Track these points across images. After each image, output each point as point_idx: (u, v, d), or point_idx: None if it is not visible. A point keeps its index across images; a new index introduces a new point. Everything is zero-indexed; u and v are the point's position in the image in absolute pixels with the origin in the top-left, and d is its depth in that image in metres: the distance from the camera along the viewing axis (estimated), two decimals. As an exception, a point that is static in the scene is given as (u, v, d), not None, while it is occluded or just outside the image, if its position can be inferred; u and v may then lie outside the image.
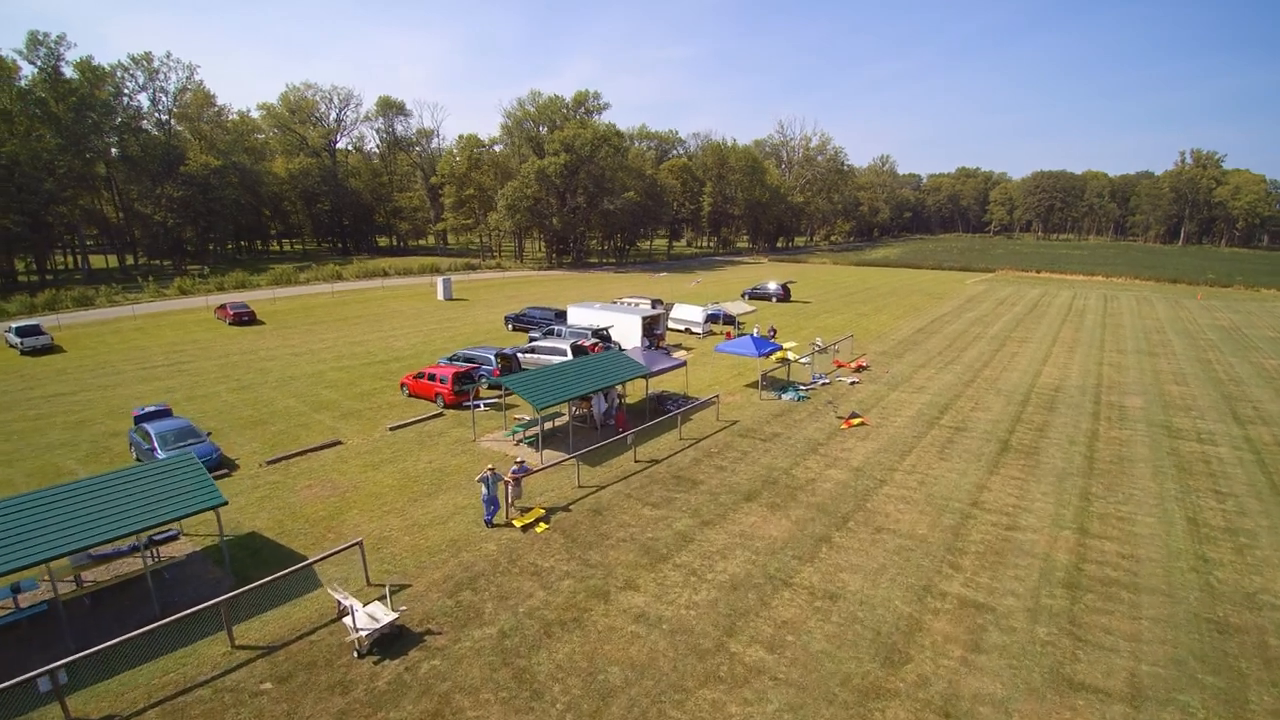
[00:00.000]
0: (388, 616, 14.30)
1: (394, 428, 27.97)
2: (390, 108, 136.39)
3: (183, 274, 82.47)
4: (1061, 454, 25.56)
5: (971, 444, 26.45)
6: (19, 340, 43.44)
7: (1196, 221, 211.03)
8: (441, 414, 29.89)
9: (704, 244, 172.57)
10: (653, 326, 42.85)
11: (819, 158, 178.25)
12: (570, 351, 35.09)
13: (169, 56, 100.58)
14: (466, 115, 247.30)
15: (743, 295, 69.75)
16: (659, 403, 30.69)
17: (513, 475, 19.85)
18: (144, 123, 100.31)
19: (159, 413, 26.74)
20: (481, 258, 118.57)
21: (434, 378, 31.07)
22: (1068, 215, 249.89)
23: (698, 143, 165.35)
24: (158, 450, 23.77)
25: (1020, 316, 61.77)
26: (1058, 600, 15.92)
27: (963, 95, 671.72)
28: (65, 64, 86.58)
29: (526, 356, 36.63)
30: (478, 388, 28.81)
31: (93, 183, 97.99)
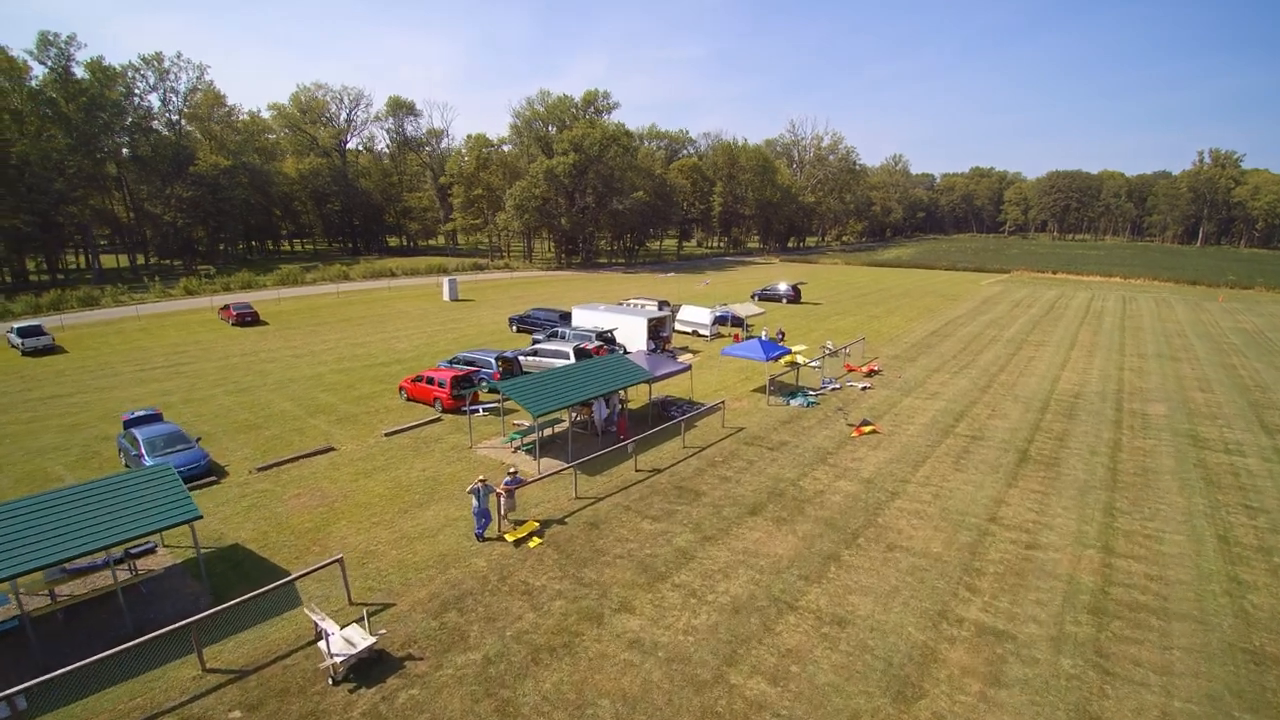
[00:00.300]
0: (365, 641, 13.46)
1: (389, 433, 27.19)
2: (400, 108, 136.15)
3: (192, 274, 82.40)
4: (1083, 465, 24.39)
5: (988, 454, 25.33)
6: (20, 341, 43.11)
7: (1215, 222, 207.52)
8: (439, 419, 29.09)
9: (714, 244, 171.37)
10: (659, 329, 41.92)
11: (830, 157, 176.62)
12: (573, 355, 34.22)
13: (179, 57, 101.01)
14: (476, 115, 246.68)
15: (752, 296, 68.63)
16: (662, 408, 29.74)
17: (505, 487, 18.98)
18: (155, 123, 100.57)
19: (148, 417, 26.10)
20: (490, 258, 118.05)
21: (432, 381, 30.29)
22: (1084, 215, 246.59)
23: (708, 142, 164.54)
24: (145, 457, 23.13)
25: (1037, 319, 60.31)
26: (1083, 628, 14.85)
27: (963, 95, 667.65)
28: (76, 64, 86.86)
29: (529, 359, 35.78)
30: (475, 392, 27.94)
31: (103, 183, 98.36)
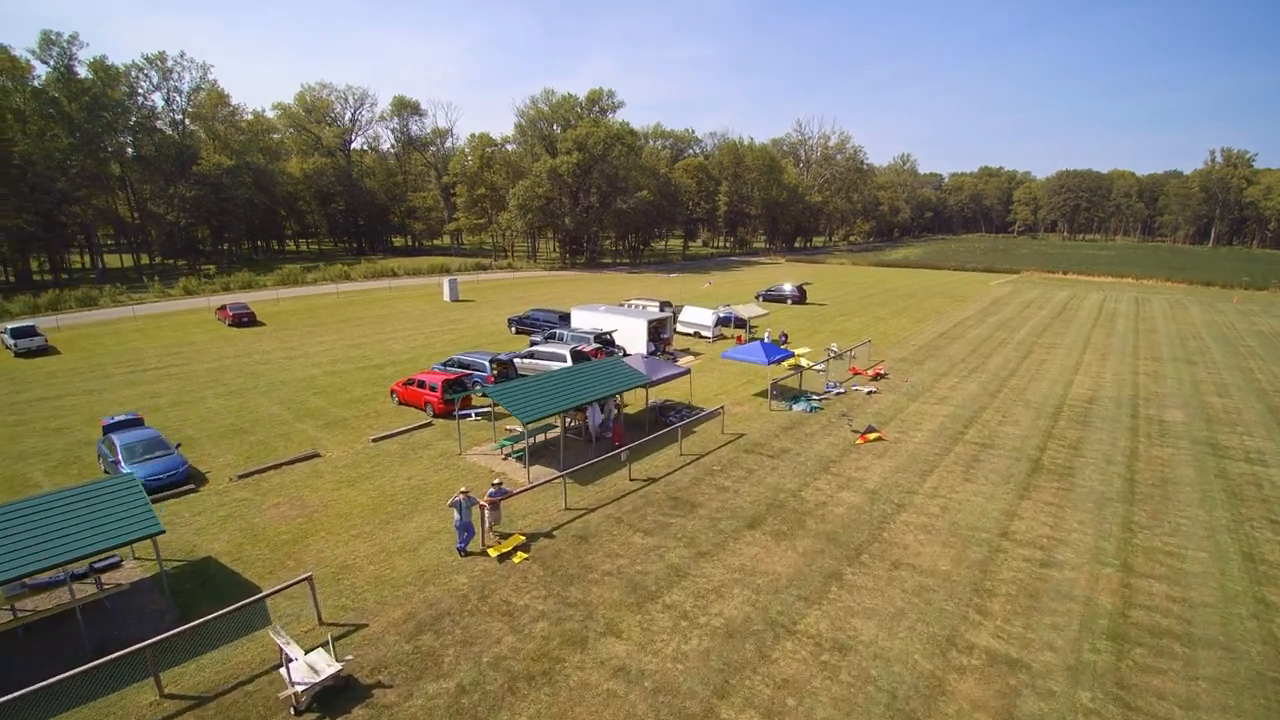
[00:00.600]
0: (330, 668, 12.56)
1: (377, 439, 26.32)
2: (405, 107, 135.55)
3: (195, 274, 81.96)
4: (1099, 475, 23.28)
5: (999, 463, 24.24)
6: (13, 342, 42.56)
7: (1227, 222, 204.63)
8: (430, 424, 28.22)
9: (720, 244, 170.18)
10: (659, 330, 40.95)
11: (838, 156, 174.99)
12: (570, 357, 33.30)
13: (183, 56, 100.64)
14: (483, 116, 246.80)
15: (756, 297, 67.55)
16: (660, 414, 28.76)
17: (489, 499, 18.04)
18: (159, 122, 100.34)
19: (128, 422, 25.39)
20: (494, 258, 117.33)
21: (423, 385, 29.42)
22: (1094, 215, 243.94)
23: (714, 142, 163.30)
24: (122, 463, 22.38)
25: (1048, 321, 58.98)
26: (1102, 656, 13.81)
27: (968, 95, 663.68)
28: (79, 64, 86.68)
29: (525, 362, 34.88)
30: (464, 397, 27.00)
31: (107, 183, 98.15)
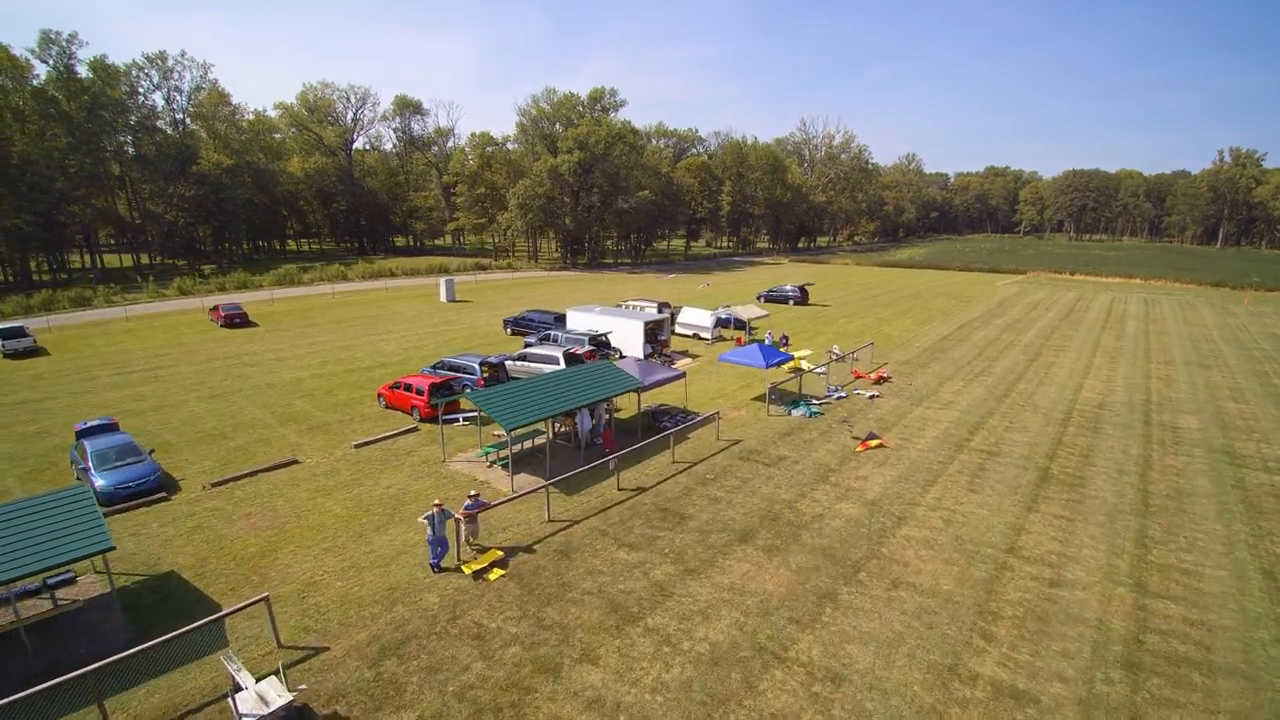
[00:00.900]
0: (280, 699, 11.63)
1: (359, 445, 25.41)
2: (407, 107, 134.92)
3: (194, 273, 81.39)
4: (1111, 486, 22.20)
5: (1006, 472, 23.18)
6: (1, 343, 41.89)
7: (1235, 222, 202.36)
8: (416, 429, 27.31)
9: (723, 244, 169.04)
10: (656, 332, 39.96)
11: (842, 156, 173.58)
12: (563, 360, 32.37)
13: (183, 55, 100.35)
14: (487, 116, 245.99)
15: (758, 298, 66.52)
16: (654, 419, 27.78)
17: (465, 511, 17.08)
18: (159, 122, 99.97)
19: (102, 427, 24.56)
20: (494, 258, 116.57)
21: (410, 388, 28.52)
22: (1101, 215, 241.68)
23: (718, 141, 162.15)
24: (92, 470, 21.56)
25: (1055, 322, 57.75)
26: (1116, 687, 12.79)
27: (971, 95, 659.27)
28: (79, 63, 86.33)
29: (517, 364, 33.97)
30: (448, 402, 26.02)
31: (106, 182, 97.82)
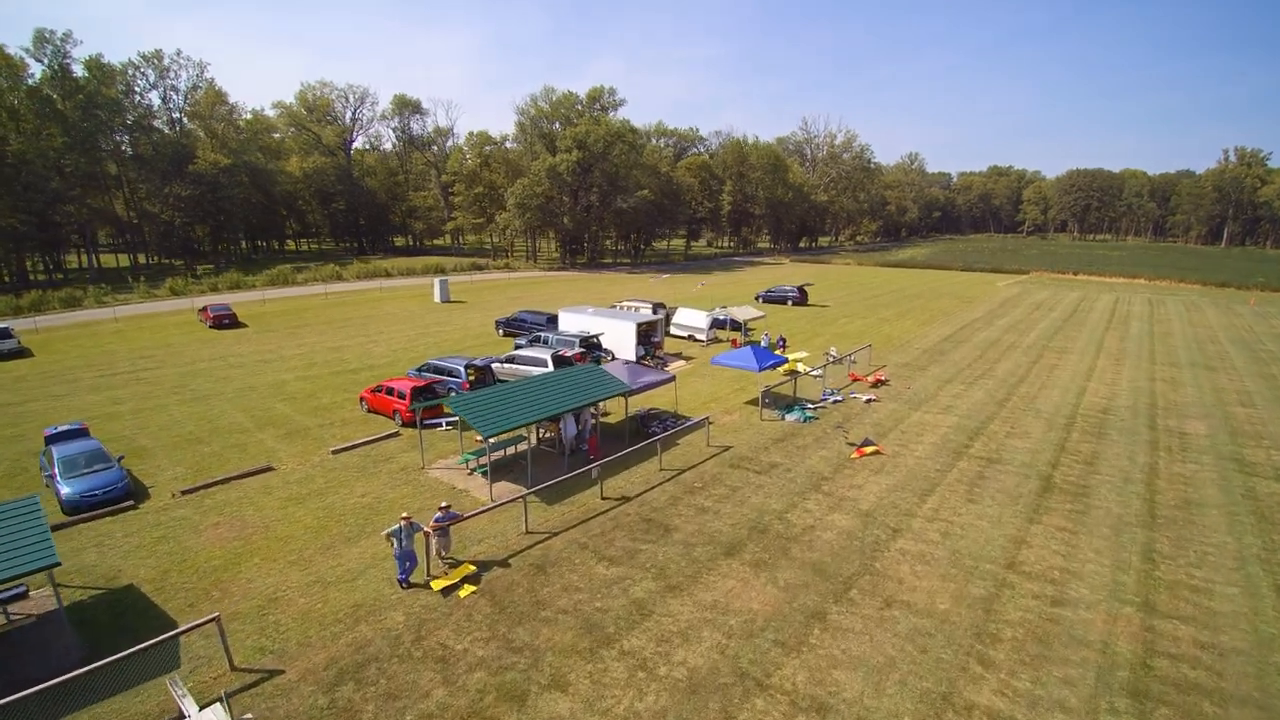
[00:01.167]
0: (222, 732, 10.82)
1: (336, 451, 24.59)
2: (405, 106, 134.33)
3: (185, 274, 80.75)
4: (1116, 496, 21.28)
5: (1007, 481, 22.28)
6: (-15, 344, 41.19)
7: (1240, 222, 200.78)
8: (397, 434, 26.48)
9: (724, 244, 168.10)
10: (650, 334, 39.11)
11: (844, 155, 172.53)
12: (551, 362, 31.54)
13: (179, 54, 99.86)
14: (489, 116, 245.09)
15: (756, 298, 65.59)
16: (643, 424, 26.91)
17: (435, 524, 16.23)
18: (156, 121, 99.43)
19: (72, 432, 23.80)
20: (493, 257, 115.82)
21: (392, 392, 27.71)
22: (1105, 215, 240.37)
23: (719, 140, 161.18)
24: (58, 477, 20.79)
25: (1058, 323, 56.77)
26: (1121, 718, 11.90)
27: (970, 95, 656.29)
28: (75, 63, 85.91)
29: (505, 367, 33.15)
30: (426, 406, 25.11)
31: (103, 182, 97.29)
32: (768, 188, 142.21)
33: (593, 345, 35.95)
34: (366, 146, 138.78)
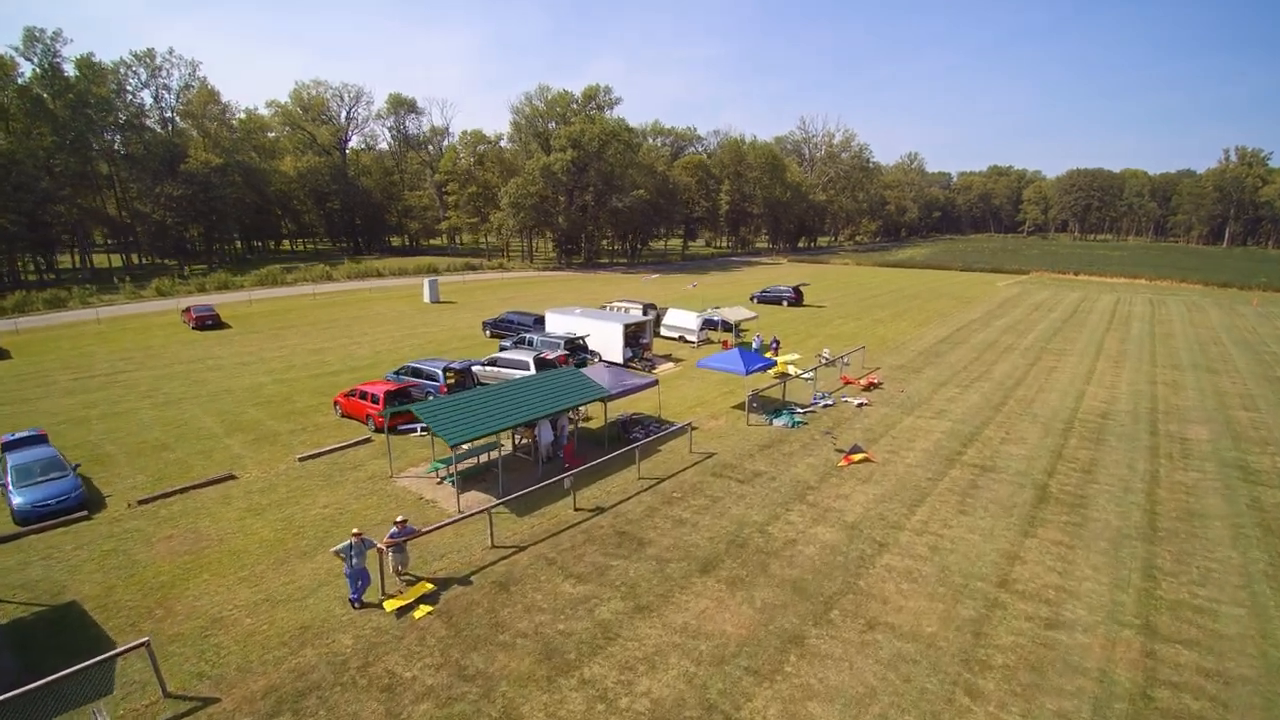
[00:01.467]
0: (133, 775, 9.89)
1: (303, 458, 23.65)
2: (401, 105, 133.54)
3: (172, 274, 79.77)
4: (1115, 506, 20.32)
5: (1001, 490, 21.32)
6: (-40, 346, 40.36)
7: (1241, 222, 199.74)
8: (369, 440, 25.55)
9: (722, 244, 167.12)
10: (638, 335, 38.14)
11: (843, 155, 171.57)
12: (533, 365, 30.61)
13: (171, 53, 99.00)
14: (488, 115, 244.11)
15: (751, 298, 64.64)
16: (624, 429, 25.95)
17: (389, 540, 15.29)
18: (148, 120, 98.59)
19: (30, 439, 22.89)
20: (488, 257, 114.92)
21: (365, 396, 26.76)
22: (1105, 215, 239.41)
23: (717, 140, 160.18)
24: (10, 486, 19.91)
25: (1058, 324, 55.79)
26: (1123, 755, 10.98)
27: (970, 95, 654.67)
28: (66, 61, 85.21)
29: (487, 370, 32.22)
30: (395, 412, 24.17)
31: (94, 181, 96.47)
32: (765, 187, 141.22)
33: (578, 347, 35.01)
34: (362, 146, 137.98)
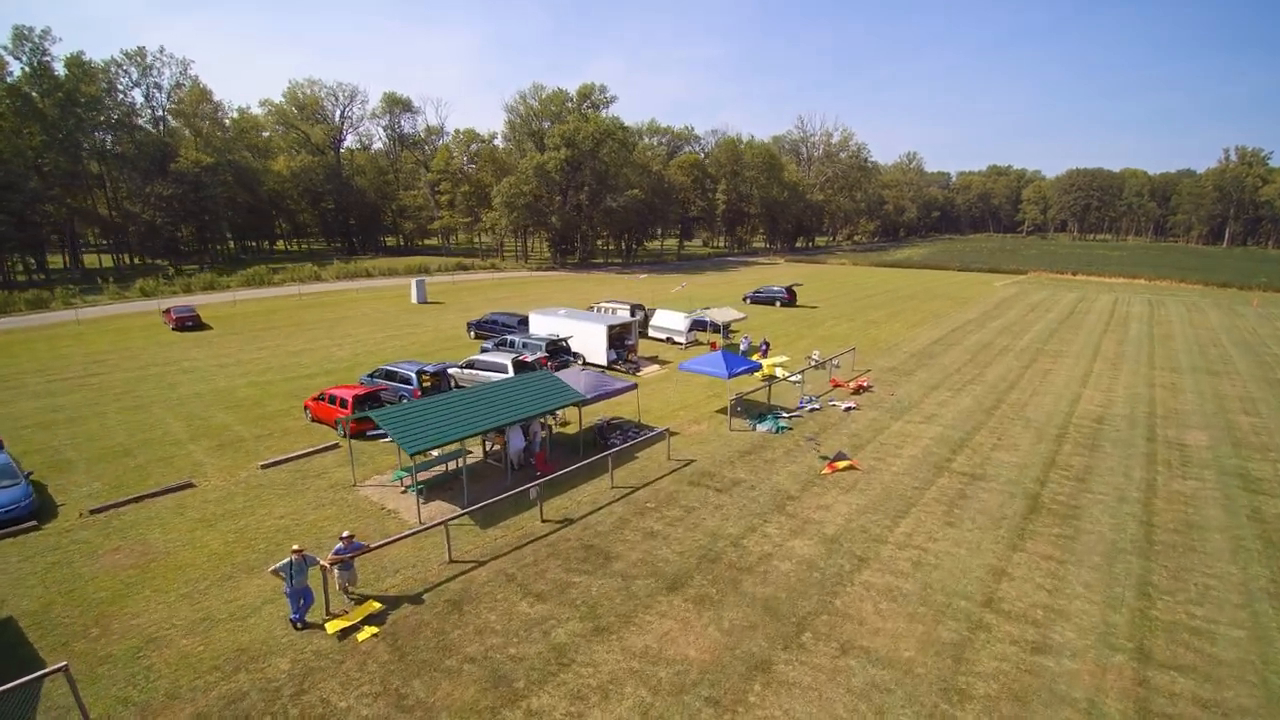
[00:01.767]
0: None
1: (265, 465, 22.74)
2: (396, 104, 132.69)
3: (164, 275, 78.83)
4: (1109, 517, 19.41)
5: (990, 500, 20.41)
6: (-69, 348, 39.44)
7: (1241, 222, 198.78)
8: (337, 446, 24.64)
9: (719, 244, 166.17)
10: (623, 336, 37.23)
11: (841, 154, 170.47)
12: (512, 368, 29.70)
13: (162, 51, 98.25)
14: (488, 115, 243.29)
15: (744, 298, 63.75)
16: (601, 435, 25.02)
17: (334, 557, 14.39)
18: (139, 119, 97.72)
19: (-21, 445, 22.05)
20: (482, 257, 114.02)
21: (334, 400, 25.86)
22: (1105, 215, 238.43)
23: (715, 139, 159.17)
24: (-44, 495, 19.03)
25: (1054, 325, 54.88)
26: (1112, 798, 10.07)
27: (970, 95, 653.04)
28: (56, 60, 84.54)
29: (464, 373, 31.32)
30: (355, 419, 23.28)
31: (84, 181, 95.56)
32: (762, 187, 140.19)
33: (560, 349, 34.09)
34: (357, 146, 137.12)
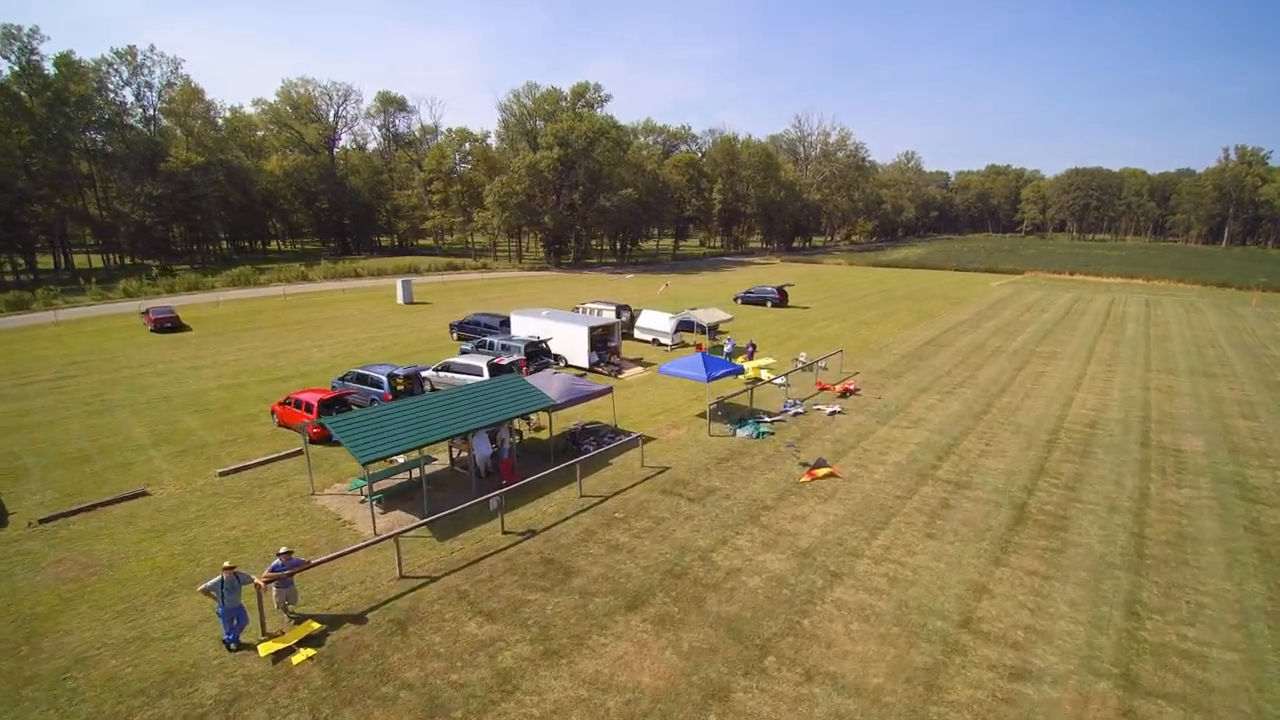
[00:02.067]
0: None
1: (224, 473, 21.92)
2: (390, 104, 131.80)
3: (147, 275, 77.95)
4: (1099, 529, 18.57)
5: (975, 510, 19.58)
6: (-98, 350, 38.60)
7: (1241, 221, 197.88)
8: (300, 453, 23.77)
9: (715, 244, 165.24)
10: (605, 338, 36.41)
11: (838, 154, 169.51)
12: (487, 371, 28.89)
13: (153, 50, 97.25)
14: (488, 116, 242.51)
15: (735, 299, 62.92)
16: (574, 441, 24.20)
17: (269, 574, 13.55)
18: (130, 119, 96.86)
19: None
20: (474, 257, 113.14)
21: (300, 404, 25.03)
22: (1104, 214, 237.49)
23: (712, 139, 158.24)
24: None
25: (1049, 326, 54.05)
26: (1090, 844, 9.25)
27: (969, 94, 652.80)
28: (45, 60, 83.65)
29: (440, 375, 30.51)
30: (311, 424, 22.49)
31: (74, 181, 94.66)
32: (759, 186, 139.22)
33: (539, 351, 33.26)
34: (352, 145, 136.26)
